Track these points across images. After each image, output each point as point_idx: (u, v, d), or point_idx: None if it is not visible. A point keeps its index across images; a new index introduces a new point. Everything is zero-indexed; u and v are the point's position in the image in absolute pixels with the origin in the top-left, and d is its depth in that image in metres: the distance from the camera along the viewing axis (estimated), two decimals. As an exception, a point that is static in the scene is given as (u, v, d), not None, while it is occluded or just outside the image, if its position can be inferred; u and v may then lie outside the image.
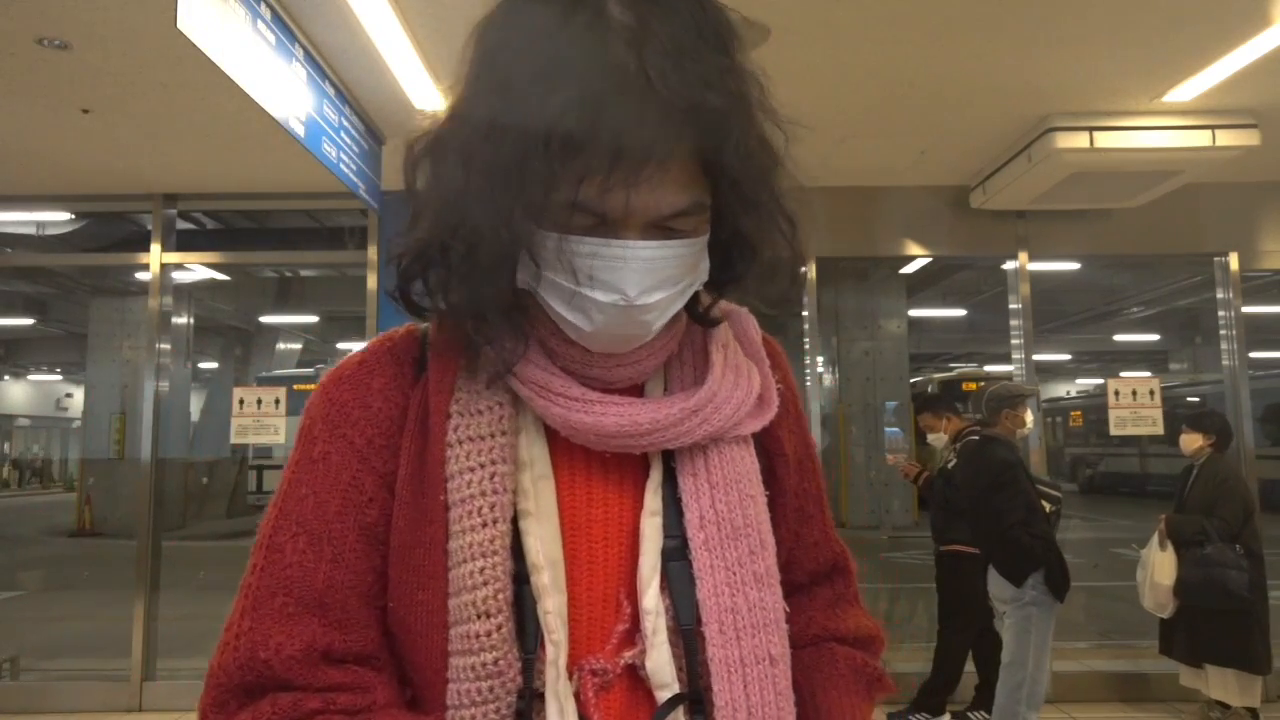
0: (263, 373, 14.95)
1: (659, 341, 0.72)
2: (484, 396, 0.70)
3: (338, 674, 0.66)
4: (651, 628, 0.67)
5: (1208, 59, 3.37)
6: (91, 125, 3.85)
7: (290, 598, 0.66)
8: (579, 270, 0.64)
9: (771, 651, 0.69)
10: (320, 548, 0.67)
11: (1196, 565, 3.89)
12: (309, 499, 0.69)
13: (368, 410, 0.71)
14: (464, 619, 0.65)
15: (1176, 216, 4.79)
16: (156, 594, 4.75)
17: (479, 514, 0.66)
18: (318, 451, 0.70)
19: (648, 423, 0.68)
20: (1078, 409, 19.09)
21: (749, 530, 0.71)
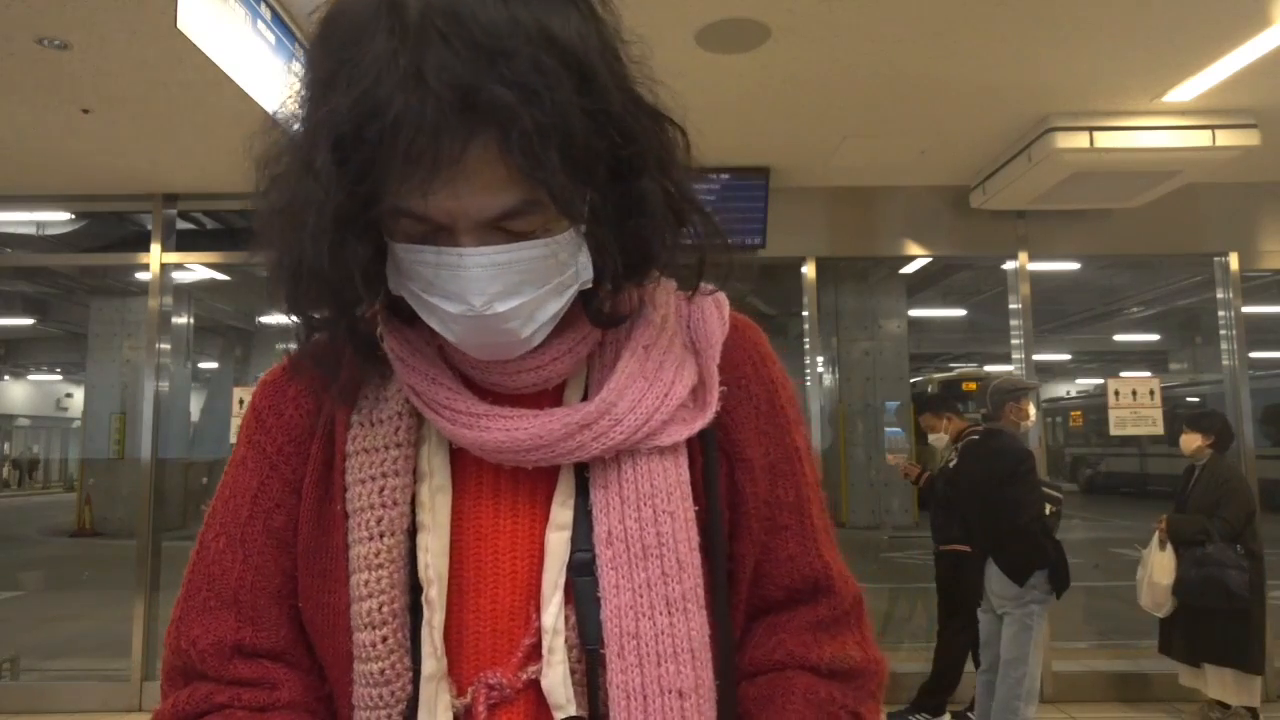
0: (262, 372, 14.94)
1: (559, 344, 0.68)
2: (387, 406, 0.70)
3: (247, 669, 0.68)
4: (549, 645, 0.65)
5: (1208, 59, 3.37)
6: (91, 125, 3.85)
7: (211, 593, 0.70)
8: (422, 279, 0.62)
9: (681, 685, 0.64)
10: (235, 548, 0.71)
11: (1196, 565, 3.90)
12: (229, 501, 0.73)
13: (280, 417, 0.74)
14: (358, 626, 0.66)
15: (1176, 216, 4.79)
16: (156, 594, 4.75)
17: (367, 527, 0.67)
18: (238, 456, 0.75)
19: (528, 439, 0.65)
20: (1078, 409, 19.09)
21: (663, 550, 0.66)
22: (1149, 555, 4.09)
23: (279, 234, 0.64)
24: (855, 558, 9.59)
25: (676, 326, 0.73)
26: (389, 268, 0.64)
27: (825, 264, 5.14)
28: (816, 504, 0.77)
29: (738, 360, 0.75)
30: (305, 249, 0.60)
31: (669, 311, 0.73)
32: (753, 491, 0.73)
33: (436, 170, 0.55)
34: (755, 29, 3.07)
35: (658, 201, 0.66)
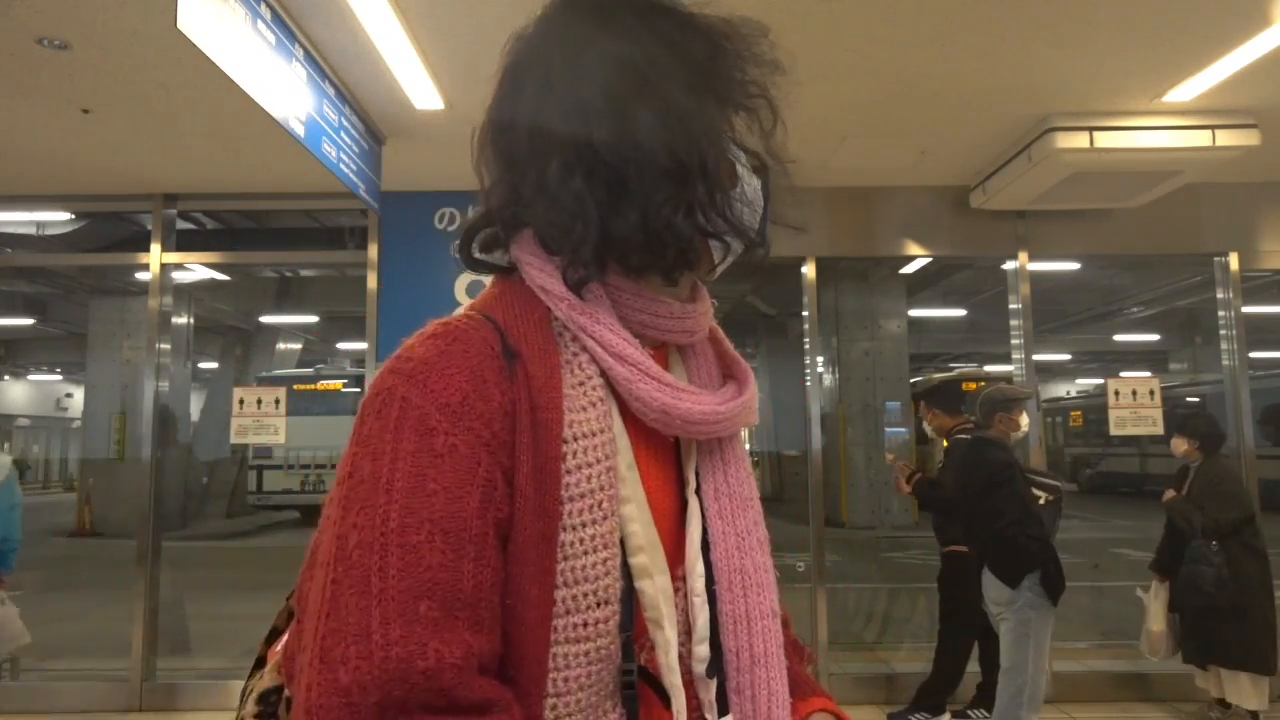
0: (263, 373, 14.95)
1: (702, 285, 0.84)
2: (585, 392, 0.72)
3: (489, 688, 0.62)
4: (700, 588, 0.75)
5: (1208, 59, 3.37)
6: (91, 125, 3.85)
7: (435, 602, 0.61)
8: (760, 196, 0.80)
9: (774, 607, 0.78)
10: (462, 547, 0.63)
11: (1186, 561, 3.94)
12: (439, 495, 0.63)
13: (489, 403, 0.67)
14: (580, 608, 0.67)
15: (1176, 216, 4.79)
16: (156, 594, 4.75)
17: (599, 508, 0.69)
18: (440, 443, 0.64)
19: (724, 411, 0.75)
20: (1078, 409, 19.09)
21: (753, 501, 0.80)
22: (1146, 601, 4.13)
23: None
24: (855, 558, 9.60)
25: None
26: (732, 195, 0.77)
27: (825, 264, 5.14)
28: None
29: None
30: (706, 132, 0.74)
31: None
32: None
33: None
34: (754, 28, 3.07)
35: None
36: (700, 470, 0.78)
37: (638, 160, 0.71)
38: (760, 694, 0.75)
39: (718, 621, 0.75)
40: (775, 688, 0.75)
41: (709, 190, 0.73)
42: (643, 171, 0.71)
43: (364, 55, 3.22)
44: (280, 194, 4.95)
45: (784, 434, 14.16)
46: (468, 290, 4.72)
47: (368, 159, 3.77)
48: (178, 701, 4.58)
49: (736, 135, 0.78)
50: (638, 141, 0.71)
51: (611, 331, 0.72)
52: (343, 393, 13.59)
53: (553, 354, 0.71)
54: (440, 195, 4.77)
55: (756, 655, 0.75)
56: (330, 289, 12.91)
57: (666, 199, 0.71)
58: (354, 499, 0.64)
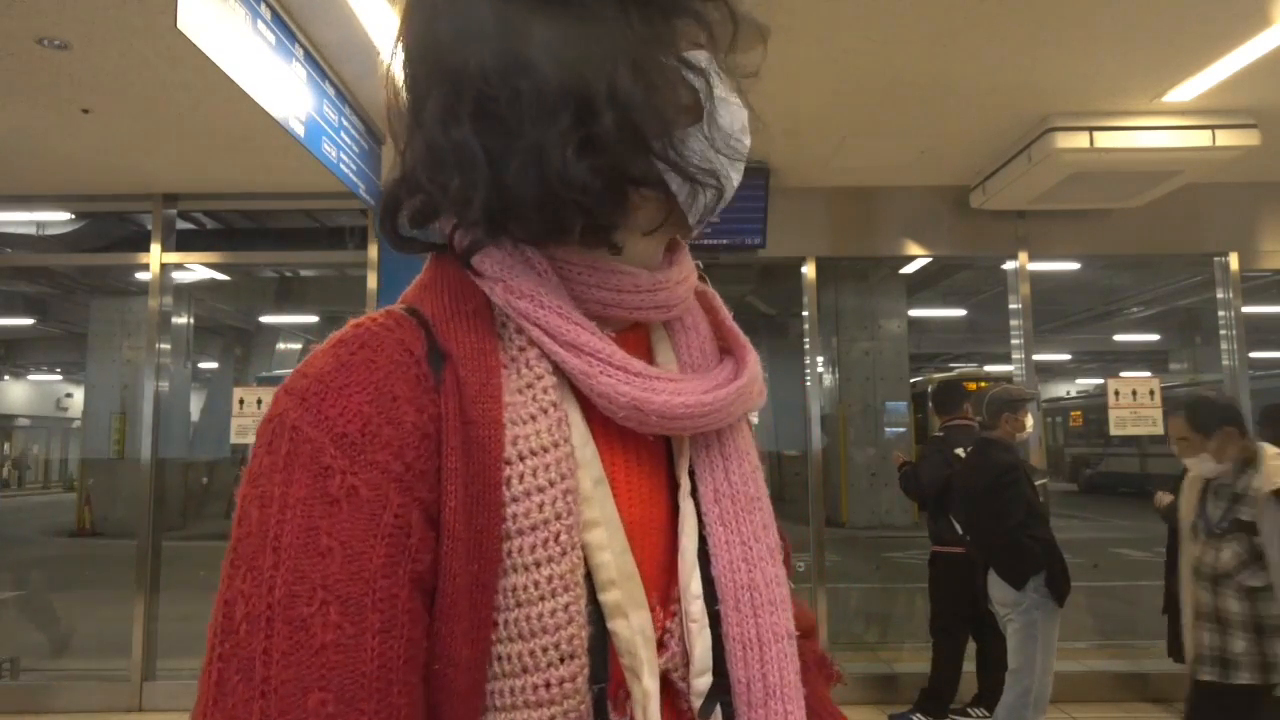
0: (263, 373, 14.95)
1: (681, 251, 0.70)
2: (533, 396, 0.58)
3: None
4: (694, 615, 0.61)
5: (1208, 59, 3.37)
6: (91, 125, 3.85)
7: (329, 693, 0.48)
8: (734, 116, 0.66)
9: (789, 628, 0.64)
10: (364, 617, 0.50)
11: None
12: (334, 553, 0.50)
13: (399, 427, 0.53)
14: (540, 666, 0.54)
15: (1176, 216, 4.79)
16: (156, 594, 4.75)
17: (556, 541, 0.55)
18: (336, 486, 0.51)
19: (710, 402, 0.61)
20: (1078, 409, 19.08)
21: (761, 501, 0.66)
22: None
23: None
24: (855, 558, 9.60)
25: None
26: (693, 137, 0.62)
27: (825, 264, 5.14)
28: None
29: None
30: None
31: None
32: None
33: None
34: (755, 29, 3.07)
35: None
36: (695, 469, 0.64)
37: (526, 91, 0.56)
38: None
39: (723, 647, 0.62)
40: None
41: (624, 122, 0.56)
42: (530, 104, 0.56)
43: (364, 55, 3.22)
44: (280, 194, 4.96)
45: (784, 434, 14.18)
46: (468, 290, 4.72)
47: (368, 159, 3.76)
48: (178, 701, 4.58)
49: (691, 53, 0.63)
50: (527, 65, 0.56)
51: (560, 316, 0.59)
52: (343, 393, 13.57)
53: (490, 352, 0.58)
54: (440, 195, 4.76)
55: (771, 686, 0.61)
56: (330, 289, 12.90)
57: (560, 137, 0.56)
58: (240, 557, 0.52)
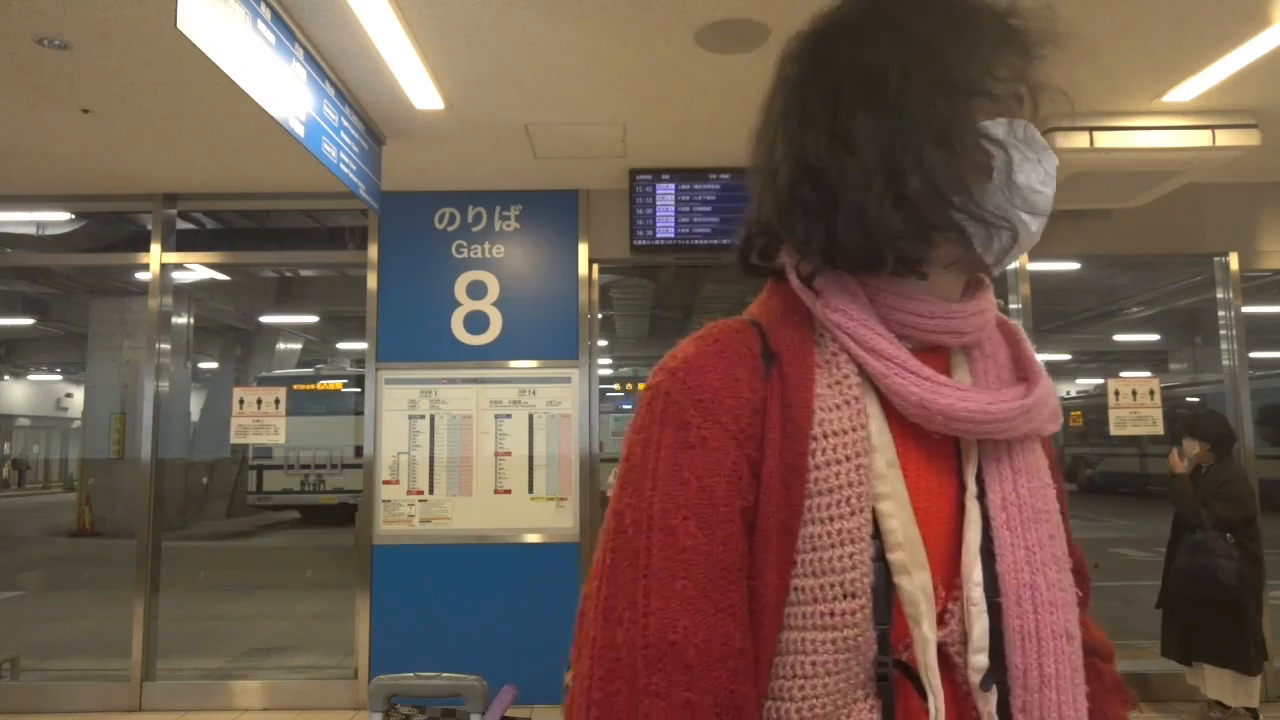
0: (263, 373, 14.96)
1: (984, 289, 0.82)
2: (839, 391, 0.74)
3: (728, 679, 0.68)
4: (974, 598, 0.72)
5: (1208, 59, 3.37)
6: (91, 125, 3.85)
7: (690, 581, 0.68)
8: (1045, 168, 0.80)
9: (1069, 630, 0.73)
10: (712, 531, 0.70)
11: (1189, 553, 3.95)
12: (692, 483, 0.70)
13: (738, 399, 0.73)
14: (827, 598, 0.69)
15: (1176, 216, 4.80)
16: (156, 594, 4.75)
17: (847, 504, 0.70)
18: (694, 435, 0.72)
19: (994, 411, 0.73)
20: (1078, 409, 19.09)
21: (1049, 515, 0.76)
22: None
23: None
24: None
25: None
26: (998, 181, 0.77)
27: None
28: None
29: None
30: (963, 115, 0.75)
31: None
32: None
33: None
34: (755, 29, 3.07)
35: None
36: (986, 477, 0.75)
37: (849, 165, 0.73)
38: (1049, 717, 0.72)
39: (1005, 636, 0.72)
40: (1066, 713, 0.72)
41: (928, 184, 0.72)
42: (852, 174, 0.73)
43: (364, 55, 3.22)
44: (280, 194, 4.95)
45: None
46: (468, 290, 4.72)
47: (368, 159, 3.77)
48: (178, 701, 4.58)
49: (990, 123, 0.78)
50: (850, 145, 0.74)
51: (865, 327, 0.75)
52: (343, 393, 13.60)
53: (808, 354, 0.76)
54: (440, 195, 4.77)
55: (1046, 676, 0.72)
56: (330, 289, 12.91)
57: (875, 197, 0.72)
58: (628, 480, 0.73)
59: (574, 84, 3.51)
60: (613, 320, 13.58)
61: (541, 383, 4.65)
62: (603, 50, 3.22)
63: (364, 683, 4.48)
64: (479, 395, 4.65)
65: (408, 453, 4.63)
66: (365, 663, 4.54)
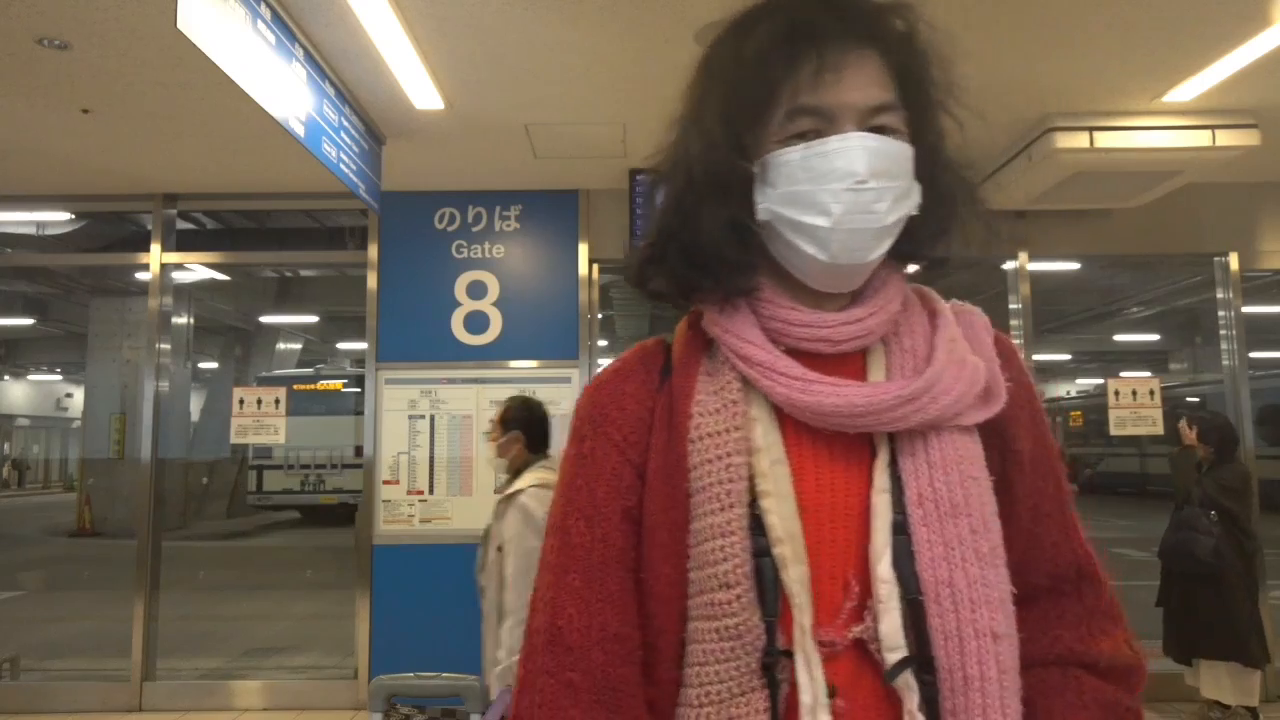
0: (263, 373, 14.95)
1: (874, 300, 0.80)
2: (719, 396, 0.79)
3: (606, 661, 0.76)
4: (883, 595, 0.72)
5: (1208, 59, 3.37)
6: (91, 125, 3.85)
7: (577, 574, 0.78)
8: (808, 172, 0.75)
9: (995, 629, 0.72)
10: (594, 529, 0.79)
11: (1173, 528, 4.03)
12: (583, 489, 0.81)
13: (623, 412, 0.82)
14: (708, 589, 0.74)
15: (1176, 216, 4.79)
16: (156, 594, 4.75)
17: (717, 500, 0.75)
18: (586, 448, 0.82)
19: (863, 404, 0.74)
20: (1078, 409, 19.09)
21: (970, 509, 0.74)
22: None
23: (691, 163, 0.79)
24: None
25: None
26: (759, 193, 0.78)
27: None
28: (1070, 497, 0.86)
29: (1005, 365, 0.83)
30: (724, 152, 0.77)
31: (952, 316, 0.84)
32: (1021, 482, 0.82)
33: (844, 57, 0.75)
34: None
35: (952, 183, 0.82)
36: (902, 473, 0.76)
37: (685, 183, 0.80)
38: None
39: (929, 635, 0.72)
40: (993, 717, 0.71)
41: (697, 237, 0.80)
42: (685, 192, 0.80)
43: (364, 55, 3.22)
44: (280, 194, 4.96)
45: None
46: (468, 290, 4.72)
47: (368, 159, 3.77)
48: (178, 701, 4.58)
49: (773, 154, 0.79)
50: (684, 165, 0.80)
51: (735, 336, 0.79)
52: (343, 393, 13.59)
53: (695, 364, 0.82)
54: (440, 195, 4.77)
55: (970, 677, 0.71)
56: (330, 289, 12.91)
57: (676, 247, 0.81)
58: (554, 491, 0.85)
59: (574, 84, 3.51)
60: (613, 320, 13.58)
61: (541, 383, 4.65)
62: (603, 50, 3.22)
63: (364, 683, 4.47)
64: (479, 395, 4.65)
65: (408, 453, 4.63)
66: (365, 663, 4.55)
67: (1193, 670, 4.06)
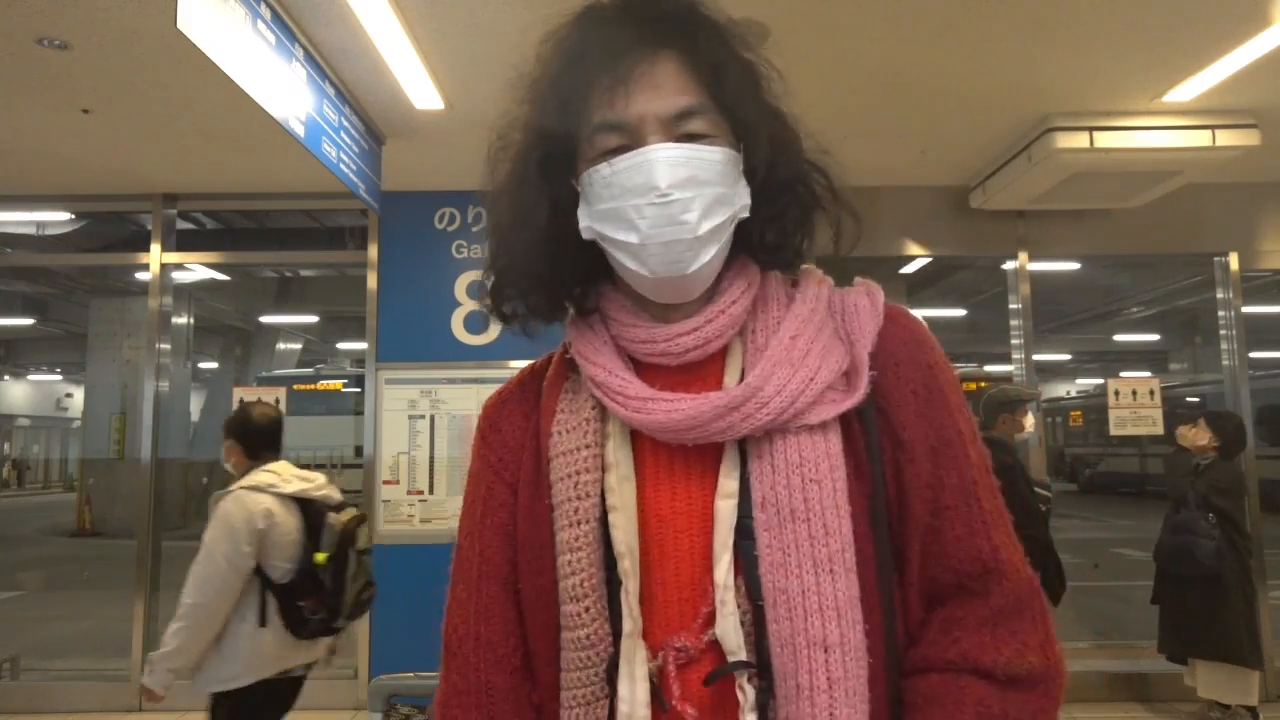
0: (263, 373, 14.95)
1: (711, 307, 0.79)
2: (577, 415, 0.81)
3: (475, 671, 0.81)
4: (720, 599, 0.72)
5: (1208, 59, 3.37)
6: (91, 125, 3.85)
7: (462, 586, 0.84)
8: (614, 188, 0.75)
9: (826, 640, 0.69)
10: (474, 544, 0.85)
11: (1171, 531, 4.00)
12: (468, 507, 0.88)
13: (499, 434, 0.87)
14: (564, 600, 0.76)
15: (1176, 216, 4.79)
16: (156, 594, 4.75)
17: (568, 516, 0.77)
18: (474, 467, 0.89)
19: (685, 419, 0.74)
20: (1078, 409, 19.08)
21: (810, 515, 0.72)
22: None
23: (503, 237, 0.83)
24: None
25: (827, 316, 0.81)
26: (582, 213, 0.79)
27: (825, 264, 5.14)
28: (984, 488, 0.78)
29: (893, 348, 0.79)
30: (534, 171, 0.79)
31: (819, 304, 0.81)
32: (914, 473, 0.77)
33: (634, 66, 0.74)
34: (755, 29, 3.07)
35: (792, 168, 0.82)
36: (750, 477, 0.74)
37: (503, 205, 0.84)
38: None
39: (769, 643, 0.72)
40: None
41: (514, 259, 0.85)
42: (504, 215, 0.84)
43: (364, 55, 3.22)
44: (280, 194, 4.95)
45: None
46: (468, 290, 4.72)
47: (368, 159, 3.77)
48: (178, 701, 4.57)
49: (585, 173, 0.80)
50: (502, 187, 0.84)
51: (586, 359, 0.82)
52: (343, 393, 13.59)
53: (559, 385, 0.85)
54: (440, 195, 4.77)
55: (802, 687, 0.69)
56: (330, 289, 12.90)
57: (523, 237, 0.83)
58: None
59: (574, 84, 3.51)
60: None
61: (541, 383, 4.65)
62: (603, 50, 3.22)
63: (364, 683, 4.47)
64: (479, 395, 4.65)
65: (408, 453, 4.63)
66: (365, 663, 4.55)
67: (1189, 670, 4.06)
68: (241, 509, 2.51)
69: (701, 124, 0.76)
